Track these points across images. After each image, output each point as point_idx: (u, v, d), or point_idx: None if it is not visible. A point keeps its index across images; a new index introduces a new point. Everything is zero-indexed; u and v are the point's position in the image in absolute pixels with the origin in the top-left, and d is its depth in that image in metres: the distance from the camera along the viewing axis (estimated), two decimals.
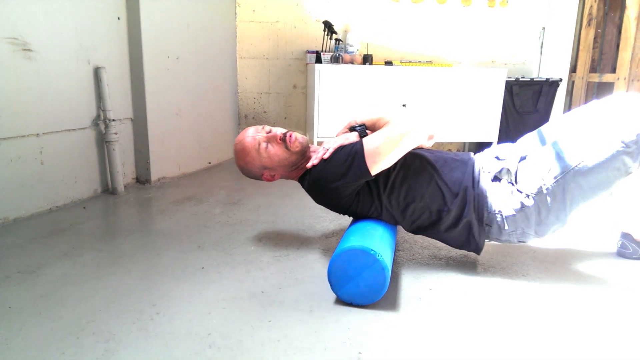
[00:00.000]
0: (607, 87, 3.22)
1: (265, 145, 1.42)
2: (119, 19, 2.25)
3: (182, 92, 2.64)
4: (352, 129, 1.46)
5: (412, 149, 1.40)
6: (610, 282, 1.39)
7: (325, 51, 3.12)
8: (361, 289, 1.19)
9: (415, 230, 1.46)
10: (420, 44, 3.42)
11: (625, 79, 2.93)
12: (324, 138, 2.98)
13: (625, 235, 1.57)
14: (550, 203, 1.29)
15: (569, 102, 3.48)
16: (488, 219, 1.37)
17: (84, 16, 2.06)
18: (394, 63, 3.14)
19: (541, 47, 3.55)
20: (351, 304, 1.21)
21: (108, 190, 2.28)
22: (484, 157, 1.50)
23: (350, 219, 1.89)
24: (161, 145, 2.49)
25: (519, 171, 1.37)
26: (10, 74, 1.75)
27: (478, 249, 1.42)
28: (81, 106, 2.09)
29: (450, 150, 3.57)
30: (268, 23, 3.26)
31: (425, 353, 1.01)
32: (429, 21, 3.38)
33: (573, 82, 3.43)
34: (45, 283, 1.30)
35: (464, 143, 3.61)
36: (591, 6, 3.24)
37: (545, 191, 1.29)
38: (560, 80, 3.26)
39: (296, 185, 1.55)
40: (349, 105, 2.97)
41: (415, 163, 1.42)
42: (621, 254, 1.58)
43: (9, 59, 1.74)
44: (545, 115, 3.30)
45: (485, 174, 1.42)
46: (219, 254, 1.53)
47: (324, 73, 2.92)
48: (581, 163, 1.25)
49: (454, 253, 1.57)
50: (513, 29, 3.48)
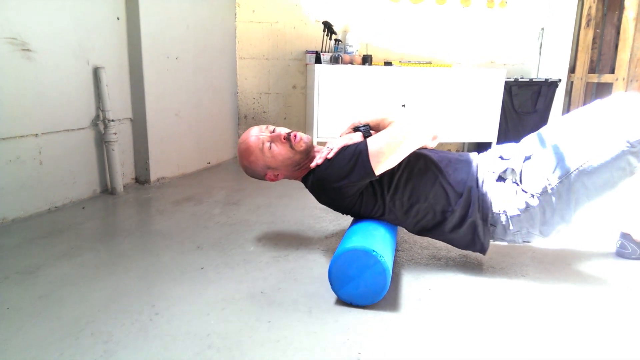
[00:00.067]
0: (606, 88, 3.23)
1: (269, 144, 1.42)
2: (118, 19, 2.25)
3: (182, 93, 2.64)
4: (356, 129, 1.45)
5: (416, 149, 1.40)
6: (610, 282, 1.39)
7: (324, 51, 3.12)
8: (361, 290, 1.19)
9: (420, 232, 1.46)
10: (419, 44, 3.42)
11: (624, 79, 2.93)
12: (323, 138, 2.98)
13: (625, 236, 1.57)
14: (555, 203, 1.29)
15: (568, 103, 3.49)
16: (492, 219, 1.36)
17: (83, 16, 2.06)
18: (393, 63, 3.14)
19: (540, 48, 3.55)
20: (351, 304, 1.21)
21: (107, 190, 2.28)
22: (488, 157, 1.50)
23: (350, 220, 1.89)
24: (160, 146, 2.49)
25: (524, 171, 1.37)
26: (9, 74, 1.75)
27: (483, 250, 1.41)
28: (80, 106, 2.09)
29: (449, 150, 3.57)
30: (268, 23, 3.26)
31: (424, 353, 1.01)
32: (428, 22, 3.39)
33: (572, 83, 3.43)
34: (44, 283, 1.30)
35: (463, 143, 3.61)
36: (590, 7, 3.24)
37: (550, 191, 1.29)
38: (559, 80, 3.26)
39: (295, 185, 1.55)
40: (349, 105, 2.97)
41: (419, 163, 1.41)
42: (620, 254, 1.58)
43: (7, 59, 1.74)
44: (544, 116, 3.31)
45: (490, 174, 1.42)
46: (218, 254, 1.53)
47: (323, 73, 2.92)
48: (586, 163, 1.25)
49: (454, 253, 1.58)
50: (512, 30, 3.49)
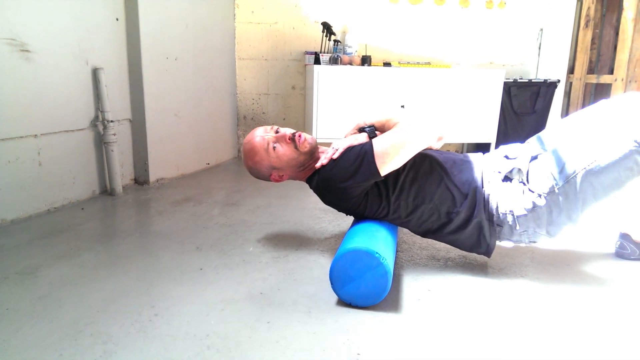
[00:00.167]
0: (605, 89, 3.23)
1: (274, 145, 1.42)
2: (117, 19, 2.25)
3: (181, 93, 2.64)
4: (361, 130, 1.45)
5: (422, 150, 1.40)
6: (609, 283, 1.39)
7: (323, 52, 3.13)
8: (362, 291, 1.19)
9: (424, 233, 1.46)
10: (418, 45, 3.42)
11: (622, 80, 2.94)
12: (322, 139, 2.98)
13: (624, 236, 1.57)
14: (562, 203, 1.29)
15: (567, 104, 3.49)
16: (499, 219, 1.36)
17: (82, 17, 2.05)
18: (392, 64, 3.14)
19: (539, 49, 3.56)
20: (350, 305, 1.21)
21: (106, 191, 2.28)
22: (494, 157, 1.50)
23: (349, 221, 1.89)
24: (160, 146, 2.49)
25: (531, 171, 1.36)
26: (8, 75, 1.75)
27: (488, 251, 1.41)
28: (79, 107, 2.09)
29: (448, 151, 3.57)
30: (267, 24, 3.26)
31: (424, 354, 1.01)
32: (427, 22, 3.39)
33: (571, 84, 3.44)
34: (43, 284, 1.29)
35: (462, 144, 3.61)
36: (589, 7, 3.25)
37: (557, 191, 1.29)
38: (558, 81, 3.26)
39: (295, 186, 1.55)
40: (348, 106, 2.97)
41: (424, 164, 1.41)
42: (619, 254, 1.58)
43: (6, 59, 1.74)
44: (543, 117, 3.31)
45: (496, 174, 1.42)
46: (218, 255, 1.53)
47: (322, 74, 2.92)
48: (593, 163, 1.24)
49: (453, 254, 1.58)
50: (511, 31, 3.49)
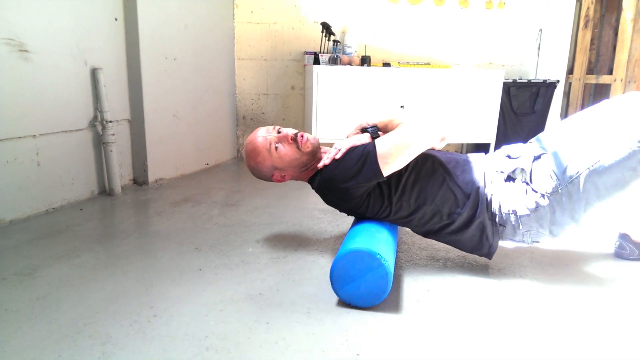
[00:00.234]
0: (604, 89, 3.23)
1: (277, 145, 1.42)
2: (116, 19, 2.25)
3: (180, 93, 2.64)
4: (364, 130, 1.45)
5: (424, 151, 1.39)
6: (608, 283, 1.39)
7: (323, 52, 3.12)
8: (362, 291, 1.18)
9: (426, 233, 1.45)
10: (418, 45, 3.42)
11: (622, 80, 2.94)
12: (322, 139, 2.96)
13: (623, 236, 1.57)
14: (566, 203, 1.29)
15: (566, 104, 3.49)
16: (502, 219, 1.36)
17: (81, 17, 2.05)
18: (392, 64, 3.14)
19: (538, 49, 3.56)
20: (349, 305, 1.20)
21: (105, 191, 2.27)
22: (496, 157, 1.50)
23: (349, 221, 1.89)
24: (159, 147, 2.49)
25: (534, 170, 1.36)
26: (6, 75, 1.74)
27: (490, 253, 1.41)
28: (78, 107, 2.09)
29: (448, 151, 3.58)
30: (266, 24, 3.26)
31: (423, 354, 1.01)
32: (426, 23, 3.39)
33: (570, 84, 3.44)
34: (42, 285, 1.29)
35: (462, 144, 3.61)
36: (588, 8, 3.25)
37: (560, 191, 1.29)
38: (558, 81, 3.26)
39: (294, 186, 1.54)
40: (347, 106, 2.97)
41: (427, 165, 1.41)
42: (619, 254, 1.58)
43: (5, 60, 1.73)
44: (543, 117, 3.31)
45: (498, 174, 1.42)
46: (217, 255, 1.53)
47: (322, 74, 2.92)
48: (597, 163, 1.24)
49: (452, 254, 1.57)
50: (510, 31, 3.49)
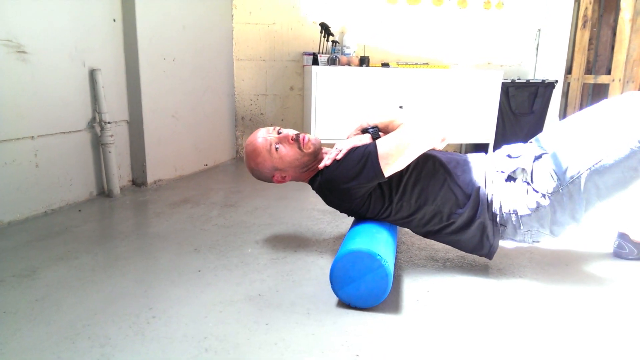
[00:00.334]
0: (603, 89, 3.24)
1: (277, 146, 1.42)
2: (114, 20, 2.25)
3: (179, 94, 2.64)
4: (364, 131, 1.45)
5: (425, 151, 1.40)
6: (607, 283, 1.39)
7: (322, 53, 3.13)
8: (361, 292, 1.18)
9: (426, 234, 1.45)
10: (416, 45, 3.43)
11: (620, 80, 2.94)
12: (321, 140, 2.98)
13: (622, 236, 1.57)
14: (567, 203, 1.28)
15: (565, 104, 3.50)
16: (502, 218, 1.36)
17: (79, 18, 2.05)
18: (390, 65, 3.14)
19: (537, 49, 3.56)
20: (349, 306, 1.20)
21: (104, 192, 2.27)
22: (497, 157, 1.50)
23: (349, 222, 1.89)
24: (157, 148, 2.48)
25: (535, 170, 1.36)
26: (4, 76, 1.74)
27: (491, 253, 1.41)
28: (76, 108, 2.08)
29: (447, 151, 3.58)
30: (265, 25, 3.25)
31: (423, 355, 1.01)
32: (425, 23, 3.39)
33: (568, 84, 3.45)
34: (41, 287, 1.29)
35: (461, 144, 3.61)
36: (586, 8, 3.26)
37: (561, 191, 1.29)
38: (556, 81, 3.27)
39: (294, 187, 1.54)
40: (346, 107, 2.97)
41: (427, 165, 1.41)
42: (617, 254, 1.58)
43: (3, 61, 1.73)
44: (541, 117, 3.32)
45: (499, 174, 1.42)
46: (216, 256, 1.53)
47: (320, 75, 2.92)
48: (598, 163, 1.24)
49: (451, 255, 1.57)
50: (509, 31, 3.50)
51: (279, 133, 1.45)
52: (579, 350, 1.04)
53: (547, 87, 3.25)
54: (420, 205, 1.39)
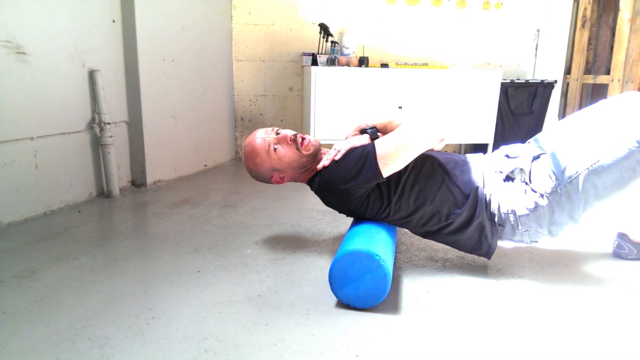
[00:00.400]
0: (602, 89, 3.24)
1: (275, 146, 1.42)
2: (114, 21, 2.25)
3: (178, 95, 2.64)
4: (363, 132, 1.45)
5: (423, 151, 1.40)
6: (607, 283, 1.39)
7: (321, 53, 3.13)
8: (360, 293, 1.18)
9: (424, 234, 1.45)
10: (416, 46, 3.43)
11: (619, 80, 2.95)
12: (320, 140, 2.98)
13: (622, 236, 1.57)
14: (565, 203, 1.29)
15: (564, 104, 3.50)
16: (501, 219, 1.36)
17: (79, 19, 2.05)
18: (390, 65, 3.14)
19: (536, 49, 3.57)
20: (348, 306, 1.20)
21: (103, 193, 2.27)
22: (495, 157, 1.50)
23: (348, 222, 1.89)
24: (157, 148, 2.48)
25: (533, 170, 1.36)
26: (4, 77, 1.74)
27: (489, 253, 1.41)
28: (76, 109, 2.08)
29: (446, 151, 3.58)
30: (264, 25, 3.26)
31: (423, 355, 1.01)
32: (424, 23, 3.39)
33: (568, 84, 3.45)
34: (40, 288, 1.29)
35: (460, 145, 3.61)
36: (585, 8, 3.26)
37: (559, 191, 1.29)
38: (555, 81, 3.27)
39: (293, 188, 1.54)
40: (345, 107, 2.97)
41: (426, 165, 1.41)
42: (617, 254, 1.58)
43: (2, 62, 1.73)
44: (540, 117, 3.32)
45: (497, 174, 1.42)
46: (215, 257, 1.53)
47: (320, 75, 2.92)
48: (596, 163, 1.24)
49: (451, 255, 1.58)
50: (508, 31, 3.50)
51: (278, 134, 1.45)
52: (579, 351, 1.04)
53: (547, 87, 3.26)
54: (418, 206, 1.39)
